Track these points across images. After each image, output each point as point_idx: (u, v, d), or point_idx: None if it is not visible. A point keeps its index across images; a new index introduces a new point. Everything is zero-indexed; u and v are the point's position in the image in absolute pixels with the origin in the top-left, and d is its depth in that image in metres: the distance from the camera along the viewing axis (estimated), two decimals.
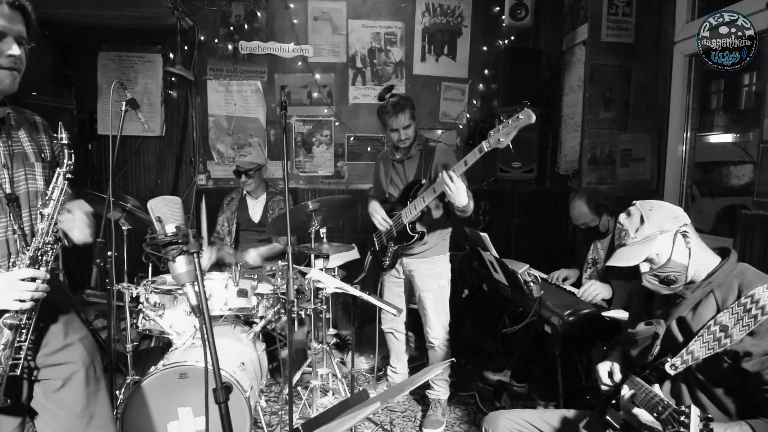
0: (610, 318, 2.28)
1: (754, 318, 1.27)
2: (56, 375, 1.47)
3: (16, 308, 1.28)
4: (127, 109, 2.61)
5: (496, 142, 2.17)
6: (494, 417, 1.76)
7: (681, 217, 1.46)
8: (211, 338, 1.22)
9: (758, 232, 2.34)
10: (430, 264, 2.73)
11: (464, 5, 4.31)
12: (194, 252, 1.24)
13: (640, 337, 1.50)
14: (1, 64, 1.27)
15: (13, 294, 1.27)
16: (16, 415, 1.42)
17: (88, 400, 1.52)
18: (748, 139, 2.94)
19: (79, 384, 1.50)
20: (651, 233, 1.44)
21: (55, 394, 1.47)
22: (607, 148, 3.66)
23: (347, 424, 1.14)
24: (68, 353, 1.50)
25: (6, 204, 1.35)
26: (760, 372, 1.27)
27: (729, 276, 1.41)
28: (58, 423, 1.48)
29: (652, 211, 1.47)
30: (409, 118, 2.60)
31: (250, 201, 3.57)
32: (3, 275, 1.31)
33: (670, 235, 1.44)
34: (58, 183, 1.38)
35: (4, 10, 1.26)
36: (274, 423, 2.71)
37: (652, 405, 1.34)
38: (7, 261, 1.36)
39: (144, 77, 4.23)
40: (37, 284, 1.30)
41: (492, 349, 3.62)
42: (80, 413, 1.50)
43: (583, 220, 2.78)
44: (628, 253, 1.47)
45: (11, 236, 1.36)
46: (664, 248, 1.43)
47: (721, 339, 1.31)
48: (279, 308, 2.74)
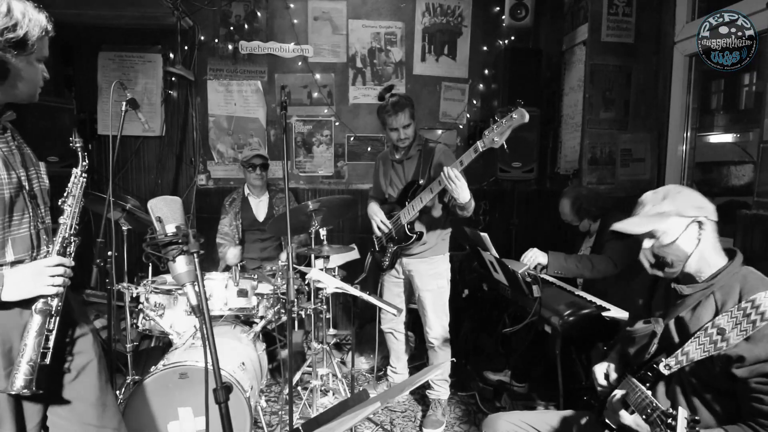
0: (610, 318, 2.29)
1: (752, 323, 1.25)
2: (71, 366, 1.51)
3: (50, 293, 1.35)
4: (127, 109, 2.61)
5: (491, 141, 2.18)
6: (493, 419, 1.75)
7: (706, 209, 1.43)
8: (211, 338, 1.22)
9: (758, 232, 2.34)
10: (429, 264, 2.73)
11: (464, 5, 4.31)
12: (194, 252, 1.24)
13: (637, 335, 1.49)
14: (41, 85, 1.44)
15: (46, 279, 1.35)
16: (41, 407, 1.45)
17: (101, 390, 1.56)
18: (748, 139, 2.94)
19: (93, 373, 1.54)
20: (667, 211, 1.42)
21: (71, 385, 1.50)
22: (607, 148, 3.66)
23: (347, 424, 1.14)
24: (81, 344, 1.54)
25: (29, 200, 1.42)
26: (748, 379, 1.26)
27: (732, 279, 1.39)
28: (74, 413, 1.50)
29: (680, 194, 1.45)
30: (409, 118, 2.60)
31: (253, 200, 3.57)
32: (32, 264, 1.38)
33: (685, 221, 1.41)
34: (77, 181, 1.51)
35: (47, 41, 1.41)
36: (274, 423, 2.71)
37: (643, 407, 1.34)
38: (30, 254, 1.42)
39: (144, 77, 4.23)
40: (65, 270, 1.39)
41: (492, 349, 3.62)
42: (95, 402, 1.53)
43: (565, 218, 2.99)
44: (637, 222, 1.46)
45: (33, 231, 1.43)
46: (673, 230, 1.41)
47: (717, 342, 1.29)
48: (279, 308, 2.74)
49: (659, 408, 1.25)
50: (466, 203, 2.38)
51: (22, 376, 1.29)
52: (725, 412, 1.35)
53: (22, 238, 1.40)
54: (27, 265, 1.38)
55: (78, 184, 1.51)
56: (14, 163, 1.39)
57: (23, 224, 1.41)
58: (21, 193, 1.40)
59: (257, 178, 3.47)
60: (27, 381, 1.30)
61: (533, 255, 2.66)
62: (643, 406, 1.33)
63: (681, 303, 1.46)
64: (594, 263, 2.64)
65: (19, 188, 1.39)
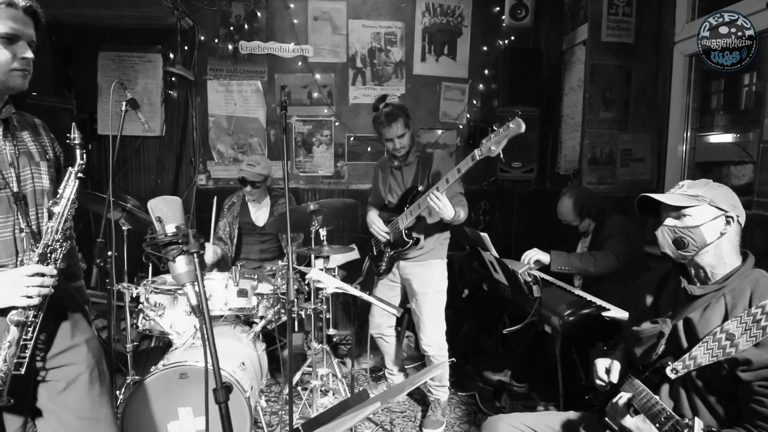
0: (610, 318, 2.29)
1: (762, 329, 1.24)
2: (60, 376, 1.46)
3: (23, 304, 1.28)
4: (127, 109, 2.61)
5: (488, 150, 2.24)
6: (493, 422, 1.74)
7: (739, 210, 1.43)
8: (211, 338, 1.22)
9: (758, 232, 2.34)
10: (425, 268, 2.73)
11: (464, 5, 4.31)
12: (194, 252, 1.24)
13: (644, 335, 1.47)
14: (16, 67, 1.31)
15: (20, 290, 1.27)
16: (20, 415, 1.42)
17: (92, 402, 1.51)
18: (748, 139, 2.93)
19: (83, 386, 1.49)
20: (702, 196, 1.42)
21: (59, 396, 1.46)
22: (607, 148, 3.65)
23: (347, 424, 1.14)
24: (73, 354, 1.49)
25: (14, 202, 1.36)
26: (752, 382, 1.26)
27: (743, 281, 1.37)
28: (62, 425, 1.46)
29: (720, 188, 1.45)
30: (403, 127, 2.60)
31: (253, 206, 3.52)
32: (10, 271, 1.31)
33: (716, 212, 1.40)
34: (70, 182, 1.40)
35: (20, 15, 1.30)
36: (274, 423, 2.71)
37: (653, 413, 1.32)
38: (14, 259, 1.37)
39: (144, 77, 4.23)
40: (43, 280, 1.30)
41: (492, 349, 3.62)
42: (85, 416, 1.49)
43: (565, 218, 2.93)
44: (672, 197, 1.45)
45: (18, 235, 1.37)
46: (701, 216, 1.40)
47: (726, 347, 1.28)
48: (279, 308, 2.74)
49: (674, 417, 1.25)
50: (452, 219, 2.44)
51: None
52: (727, 414, 1.35)
53: (5, 242, 1.35)
54: (3, 273, 1.30)
55: (71, 185, 1.39)
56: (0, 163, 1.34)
57: (6, 227, 1.35)
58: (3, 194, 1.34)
59: (250, 194, 3.39)
60: None
61: (534, 254, 2.66)
62: (654, 413, 1.32)
63: (690, 304, 1.44)
64: (597, 258, 2.65)
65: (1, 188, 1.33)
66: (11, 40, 1.29)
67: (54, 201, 1.39)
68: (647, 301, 1.62)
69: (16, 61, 1.30)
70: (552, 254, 2.67)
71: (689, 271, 1.49)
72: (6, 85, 1.33)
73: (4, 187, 1.34)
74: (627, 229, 2.74)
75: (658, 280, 1.64)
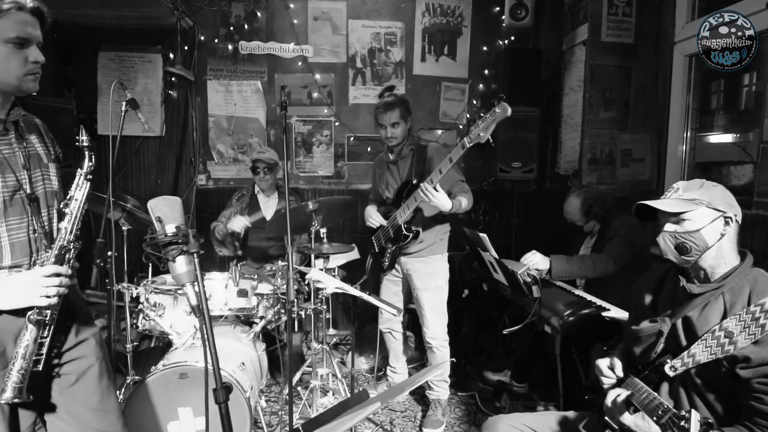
0: (610, 318, 2.29)
1: (761, 327, 1.24)
2: (71, 370, 1.49)
3: (43, 304, 1.30)
4: (127, 109, 2.61)
5: (477, 137, 2.24)
6: (493, 422, 1.74)
7: (735, 209, 1.43)
8: (211, 338, 1.22)
9: (758, 232, 2.34)
10: (426, 263, 2.75)
11: (464, 5, 4.31)
12: (194, 252, 1.24)
13: (643, 334, 1.47)
14: (29, 70, 1.32)
15: (39, 290, 1.30)
16: (33, 411, 1.44)
17: (102, 394, 1.53)
18: (748, 139, 2.93)
19: (93, 378, 1.52)
20: (699, 199, 1.41)
21: (70, 389, 1.48)
22: (607, 148, 3.65)
23: (347, 424, 1.14)
24: (83, 348, 1.52)
25: (28, 204, 1.38)
26: (751, 380, 1.26)
27: (742, 280, 1.38)
28: (73, 417, 1.49)
29: (716, 188, 1.44)
30: (398, 117, 2.64)
31: (262, 199, 3.53)
32: (28, 272, 1.34)
33: (714, 213, 1.40)
34: (80, 183, 1.43)
35: (29, 18, 1.29)
36: (274, 423, 2.71)
37: (651, 408, 1.33)
38: (28, 260, 1.39)
39: (144, 77, 4.23)
40: (61, 280, 1.33)
41: (492, 349, 3.62)
42: (95, 407, 1.51)
43: (570, 217, 2.89)
44: (669, 202, 1.44)
45: (33, 235, 1.39)
46: (701, 219, 1.39)
47: (724, 345, 1.28)
48: (279, 308, 2.74)
49: (671, 410, 1.25)
50: (452, 209, 2.44)
51: (11, 386, 1.28)
52: (726, 412, 1.35)
53: (21, 243, 1.37)
54: (22, 274, 1.34)
55: (82, 187, 1.43)
56: (14, 165, 1.36)
57: (21, 228, 1.37)
58: (18, 196, 1.36)
59: (262, 180, 3.45)
60: (16, 390, 1.28)
61: (534, 260, 2.64)
62: (652, 408, 1.32)
63: (689, 302, 1.44)
64: (595, 263, 2.64)
65: (15, 191, 1.35)
66: (23, 44, 1.30)
67: (65, 203, 1.41)
68: (646, 300, 1.62)
69: (28, 64, 1.31)
70: (552, 260, 2.66)
71: (689, 272, 1.49)
72: (20, 89, 1.34)
73: (19, 189, 1.37)
74: (631, 230, 2.72)
75: (656, 279, 1.64)
